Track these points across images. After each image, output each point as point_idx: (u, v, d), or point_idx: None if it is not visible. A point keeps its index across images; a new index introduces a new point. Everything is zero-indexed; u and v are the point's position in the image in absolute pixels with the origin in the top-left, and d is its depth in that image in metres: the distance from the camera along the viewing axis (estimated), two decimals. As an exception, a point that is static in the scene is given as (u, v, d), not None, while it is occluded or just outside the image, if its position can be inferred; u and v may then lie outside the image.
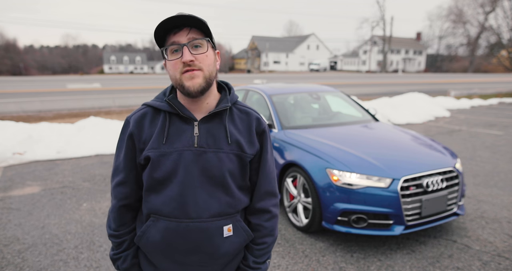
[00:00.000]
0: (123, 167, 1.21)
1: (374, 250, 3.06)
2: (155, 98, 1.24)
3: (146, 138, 1.17)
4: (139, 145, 1.18)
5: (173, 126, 1.16)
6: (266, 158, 1.26)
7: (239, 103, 1.26)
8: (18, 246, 3.12)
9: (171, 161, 1.13)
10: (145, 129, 1.17)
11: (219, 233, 1.17)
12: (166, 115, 1.17)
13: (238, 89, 5.25)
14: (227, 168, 1.16)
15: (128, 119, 1.21)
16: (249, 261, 1.26)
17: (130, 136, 1.18)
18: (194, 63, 1.08)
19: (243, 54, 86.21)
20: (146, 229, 1.19)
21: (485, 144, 7.31)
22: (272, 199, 1.29)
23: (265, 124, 1.26)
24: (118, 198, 1.23)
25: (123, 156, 1.20)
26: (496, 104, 15.16)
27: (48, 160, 5.98)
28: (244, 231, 1.23)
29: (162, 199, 1.16)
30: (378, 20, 67.52)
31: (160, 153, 1.13)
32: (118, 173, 1.22)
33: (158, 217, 1.17)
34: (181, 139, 1.14)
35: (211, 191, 1.15)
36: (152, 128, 1.17)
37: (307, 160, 3.30)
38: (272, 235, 1.29)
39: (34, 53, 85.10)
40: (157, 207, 1.17)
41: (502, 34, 50.69)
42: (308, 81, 29.57)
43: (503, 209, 3.91)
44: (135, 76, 51.27)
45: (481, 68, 62.20)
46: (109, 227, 1.26)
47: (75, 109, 12.22)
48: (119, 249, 1.26)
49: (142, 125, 1.18)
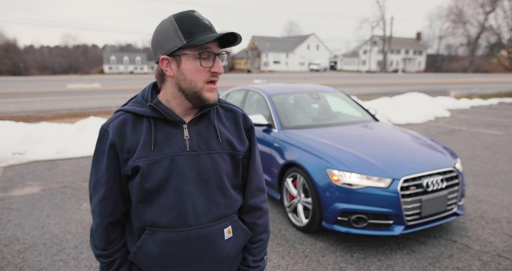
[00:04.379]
0: (105, 181, 1.10)
1: (374, 250, 3.06)
2: (132, 102, 1.13)
3: (130, 147, 1.07)
4: (122, 155, 1.08)
5: (159, 131, 1.09)
6: (255, 154, 1.26)
7: (223, 101, 1.23)
8: (18, 246, 3.12)
9: (163, 169, 1.07)
10: (127, 137, 1.08)
11: (220, 236, 1.15)
12: (150, 121, 1.09)
13: (238, 89, 5.25)
14: (223, 169, 1.14)
15: (105, 127, 1.09)
16: (249, 261, 1.26)
17: (112, 146, 1.07)
18: (219, 76, 1.08)
19: (243, 54, 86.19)
20: (142, 243, 1.12)
21: (485, 144, 7.30)
22: (261, 195, 1.30)
23: (251, 120, 1.25)
24: (103, 215, 1.13)
25: (104, 168, 1.09)
26: (496, 104, 15.16)
27: (48, 160, 5.98)
28: (242, 230, 1.22)
29: (157, 209, 1.09)
30: (378, 20, 67.56)
31: (150, 161, 1.06)
32: (100, 188, 1.11)
33: (154, 229, 1.11)
34: (171, 144, 1.08)
35: (208, 195, 1.12)
36: (135, 136, 1.08)
37: (307, 160, 3.30)
38: (267, 231, 1.30)
39: (34, 53, 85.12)
40: (152, 218, 1.10)
41: (502, 34, 50.69)
42: (308, 81, 29.57)
43: (503, 209, 3.91)
44: (135, 76, 51.26)
45: (481, 68, 62.20)
46: (95, 246, 1.16)
47: (75, 109, 12.22)
48: (111, 268, 1.17)
49: (124, 133, 1.08)
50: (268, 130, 3.98)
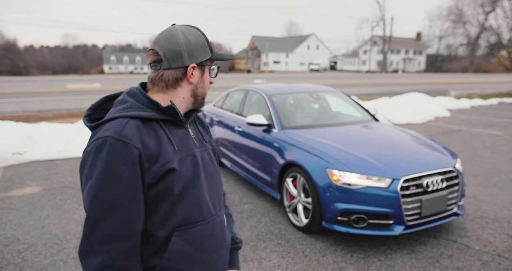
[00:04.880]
0: (128, 203, 0.98)
1: (374, 250, 3.06)
2: (128, 108, 1.08)
3: (152, 153, 1.02)
4: (145, 164, 1.01)
5: (172, 132, 1.12)
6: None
7: None
8: (18, 246, 3.12)
9: (189, 166, 1.12)
10: (148, 143, 1.02)
11: (224, 222, 1.28)
12: (160, 124, 1.09)
13: (238, 89, 5.26)
14: (215, 163, 1.30)
15: (118, 137, 0.98)
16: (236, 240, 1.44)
17: (139, 156, 0.99)
18: None
19: (243, 54, 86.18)
20: (173, 246, 1.08)
21: (485, 144, 7.31)
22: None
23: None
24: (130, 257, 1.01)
25: (129, 186, 0.98)
26: (496, 104, 15.16)
27: (48, 160, 5.98)
28: (229, 215, 1.38)
29: (187, 207, 1.10)
30: (378, 20, 67.53)
31: (178, 161, 1.08)
32: (118, 216, 0.97)
33: (184, 227, 1.10)
34: (183, 143, 1.14)
35: (216, 186, 1.26)
36: (153, 140, 1.05)
37: (307, 160, 3.30)
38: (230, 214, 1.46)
39: (34, 53, 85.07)
40: (183, 217, 1.10)
41: (502, 34, 50.67)
42: (308, 81, 29.57)
43: (503, 209, 3.91)
44: (135, 76, 51.24)
45: (481, 68, 62.20)
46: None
47: (75, 109, 12.22)
48: None
49: (143, 140, 1.02)
50: (268, 130, 3.98)
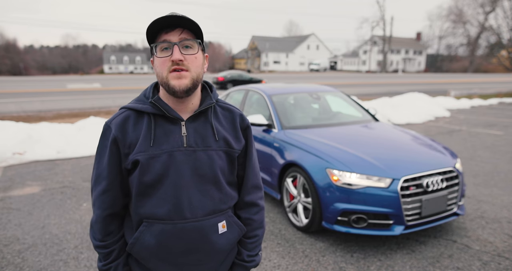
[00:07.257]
0: (106, 174, 1.16)
1: (374, 250, 3.06)
2: (135, 100, 1.20)
3: (131, 142, 1.14)
4: (123, 150, 1.14)
5: (159, 128, 1.15)
6: (252, 152, 1.31)
7: (221, 101, 1.29)
8: (18, 246, 3.12)
9: (161, 163, 1.12)
10: (129, 132, 1.14)
11: (214, 230, 1.19)
12: (150, 117, 1.15)
13: (238, 89, 5.25)
14: (218, 165, 1.18)
15: (108, 124, 1.16)
16: (244, 255, 1.30)
17: (114, 141, 1.14)
18: (183, 63, 1.08)
19: (243, 54, 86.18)
20: (140, 235, 1.16)
21: (485, 144, 7.30)
22: (258, 192, 1.34)
23: (248, 120, 1.30)
24: (103, 207, 1.18)
25: (106, 162, 1.16)
26: (496, 104, 15.16)
27: (48, 160, 5.98)
28: (237, 225, 1.26)
29: (154, 202, 1.14)
30: (378, 20, 67.54)
31: (149, 155, 1.12)
32: (101, 181, 1.17)
33: (152, 221, 1.15)
34: (169, 140, 1.14)
35: (203, 190, 1.17)
36: (136, 132, 1.14)
37: (307, 160, 3.30)
38: (262, 227, 1.34)
39: (34, 53, 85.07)
40: (150, 211, 1.15)
41: (502, 34, 50.51)
42: (308, 81, 29.57)
43: (503, 209, 3.91)
44: (135, 76, 51.27)
45: (481, 68, 62.20)
46: (94, 238, 1.21)
47: (75, 109, 12.23)
48: (108, 259, 1.21)
49: (125, 129, 1.15)
50: (268, 130, 3.98)
